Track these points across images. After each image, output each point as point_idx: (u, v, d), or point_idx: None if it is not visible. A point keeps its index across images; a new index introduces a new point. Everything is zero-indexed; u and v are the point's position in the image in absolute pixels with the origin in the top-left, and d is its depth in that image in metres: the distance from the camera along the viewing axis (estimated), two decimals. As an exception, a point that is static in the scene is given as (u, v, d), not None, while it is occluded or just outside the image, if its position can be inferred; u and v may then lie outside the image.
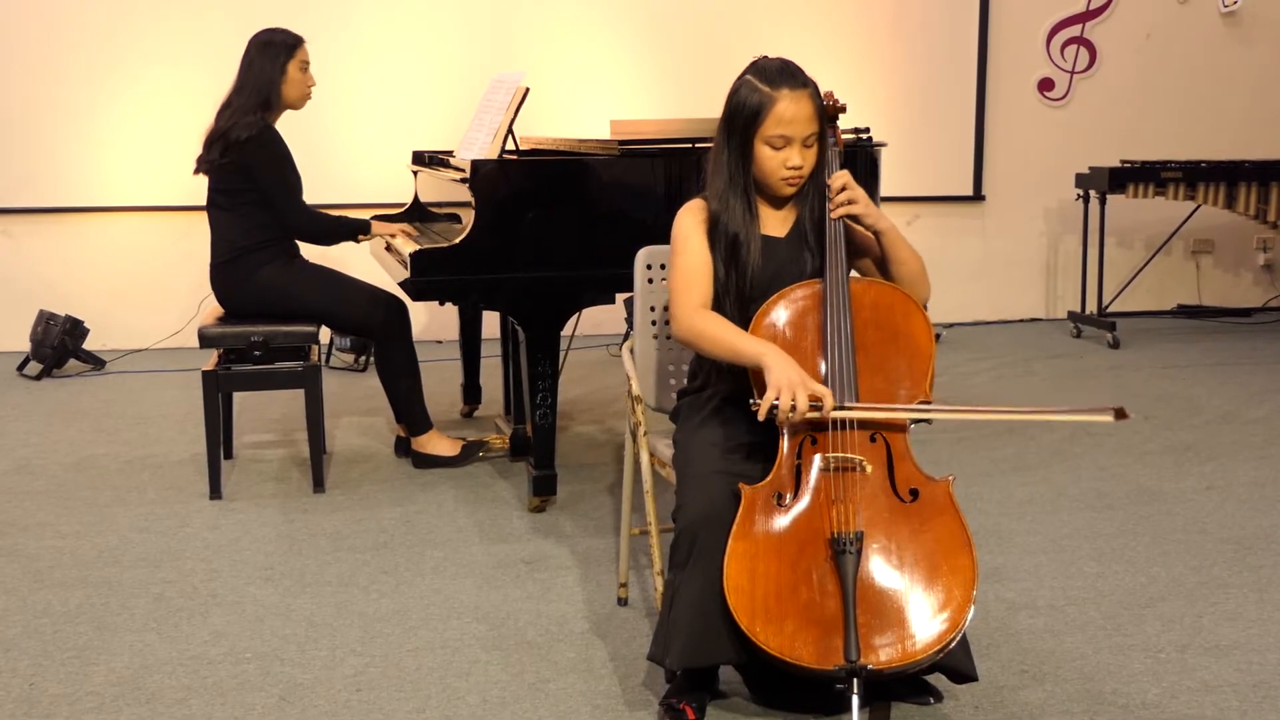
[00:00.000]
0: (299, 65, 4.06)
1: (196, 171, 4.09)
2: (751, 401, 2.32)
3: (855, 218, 2.51)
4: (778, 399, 2.25)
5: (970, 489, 3.81)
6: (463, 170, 3.76)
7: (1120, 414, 2.29)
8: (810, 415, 2.28)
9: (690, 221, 2.53)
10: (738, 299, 2.47)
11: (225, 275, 4.06)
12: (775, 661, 2.22)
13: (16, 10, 5.96)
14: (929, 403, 2.44)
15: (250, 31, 4.10)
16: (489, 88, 4.19)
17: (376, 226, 4.27)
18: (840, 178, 2.47)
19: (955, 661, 2.34)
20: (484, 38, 6.24)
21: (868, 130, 3.89)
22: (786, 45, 2.93)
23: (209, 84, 4.19)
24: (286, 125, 4.10)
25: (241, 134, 3.92)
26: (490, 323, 4.91)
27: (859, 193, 2.48)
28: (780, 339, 2.40)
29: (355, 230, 4.23)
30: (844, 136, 2.64)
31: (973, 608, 2.24)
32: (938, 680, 2.46)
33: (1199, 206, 6.37)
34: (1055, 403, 4.97)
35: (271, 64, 4.01)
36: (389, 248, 4.10)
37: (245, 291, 4.03)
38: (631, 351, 2.89)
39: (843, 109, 2.55)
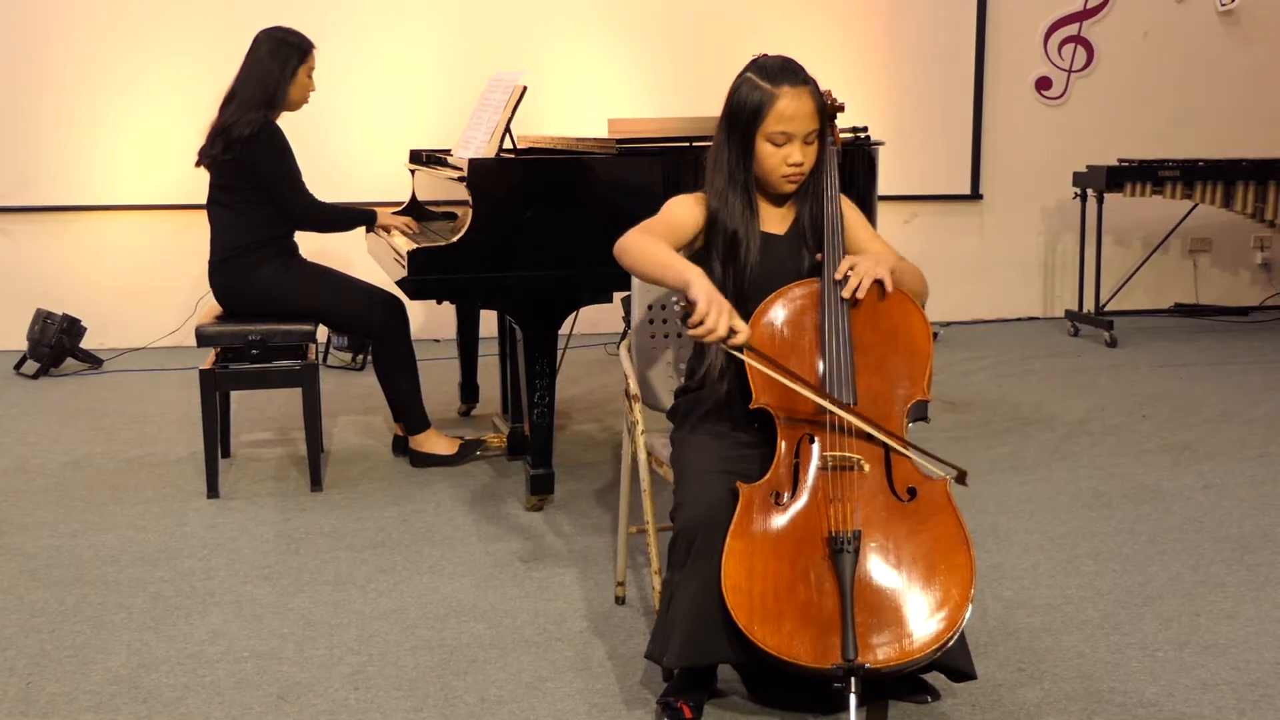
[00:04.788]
0: (307, 70, 4.07)
1: (198, 164, 4.09)
2: (676, 301, 2.34)
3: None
4: (706, 313, 2.27)
5: (968, 488, 3.80)
6: (460, 169, 3.76)
7: (961, 479, 2.35)
8: (723, 344, 2.31)
9: (686, 200, 2.55)
10: (735, 297, 2.46)
11: (223, 273, 4.05)
12: (773, 660, 2.22)
13: (14, 9, 5.96)
14: (926, 402, 2.45)
15: (248, 30, 4.09)
16: (487, 86, 4.19)
17: (383, 218, 4.26)
18: (844, 266, 2.44)
19: (954, 660, 2.34)
20: (482, 37, 6.24)
21: (865, 130, 3.89)
22: (784, 44, 2.92)
23: (207, 82, 4.19)
24: (285, 122, 4.09)
25: (244, 130, 3.92)
26: (488, 321, 4.91)
27: (865, 268, 2.43)
28: (778, 338, 2.41)
29: (359, 221, 4.23)
30: (842, 136, 2.64)
31: (970, 607, 2.24)
32: (935, 679, 2.46)
33: (1196, 205, 6.38)
34: (1055, 401, 4.97)
35: (282, 67, 4.00)
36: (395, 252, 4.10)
37: (243, 289, 4.03)
38: (629, 350, 2.90)
39: (841, 108, 2.55)
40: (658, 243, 2.45)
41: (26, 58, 5.99)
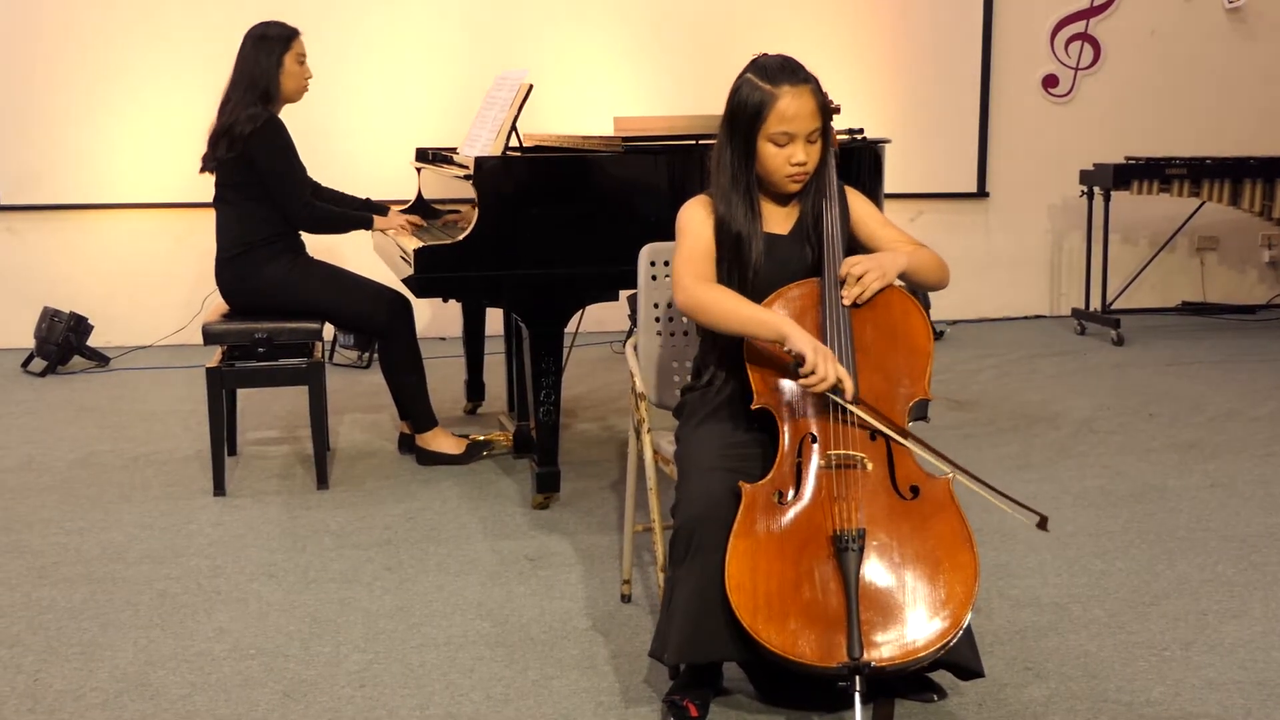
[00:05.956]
0: (295, 58, 4.06)
1: (203, 170, 4.10)
2: (791, 352, 2.31)
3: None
4: (816, 365, 2.27)
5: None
6: (466, 167, 3.76)
7: (1043, 524, 2.32)
8: (831, 395, 2.30)
9: (698, 212, 2.54)
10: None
11: (230, 270, 4.06)
12: (778, 659, 2.22)
13: (20, 9, 5.97)
14: (928, 400, 2.45)
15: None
16: (492, 85, 4.19)
17: (379, 222, 4.27)
18: (844, 267, 2.45)
19: (961, 658, 2.33)
20: (488, 35, 6.24)
21: (861, 131, 3.89)
22: (790, 42, 2.92)
23: (213, 81, 4.20)
24: (291, 119, 4.10)
25: (246, 127, 3.93)
26: (494, 319, 4.91)
27: (865, 267, 2.43)
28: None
29: (357, 224, 4.23)
30: (839, 138, 2.64)
31: (973, 605, 2.24)
32: (942, 677, 2.46)
33: (1203, 203, 6.36)
34: (1061, 400, 4.97)
35: (268, 58, 4.01)
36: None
37: (249, 287, 4.04)
38: (635, 348, 2.90)
39: (837, 110, 2.54)
40: (730, 295, 2.44)
41: (33, 56, 6.00)
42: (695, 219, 2.54)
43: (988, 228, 6.92)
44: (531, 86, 3.83)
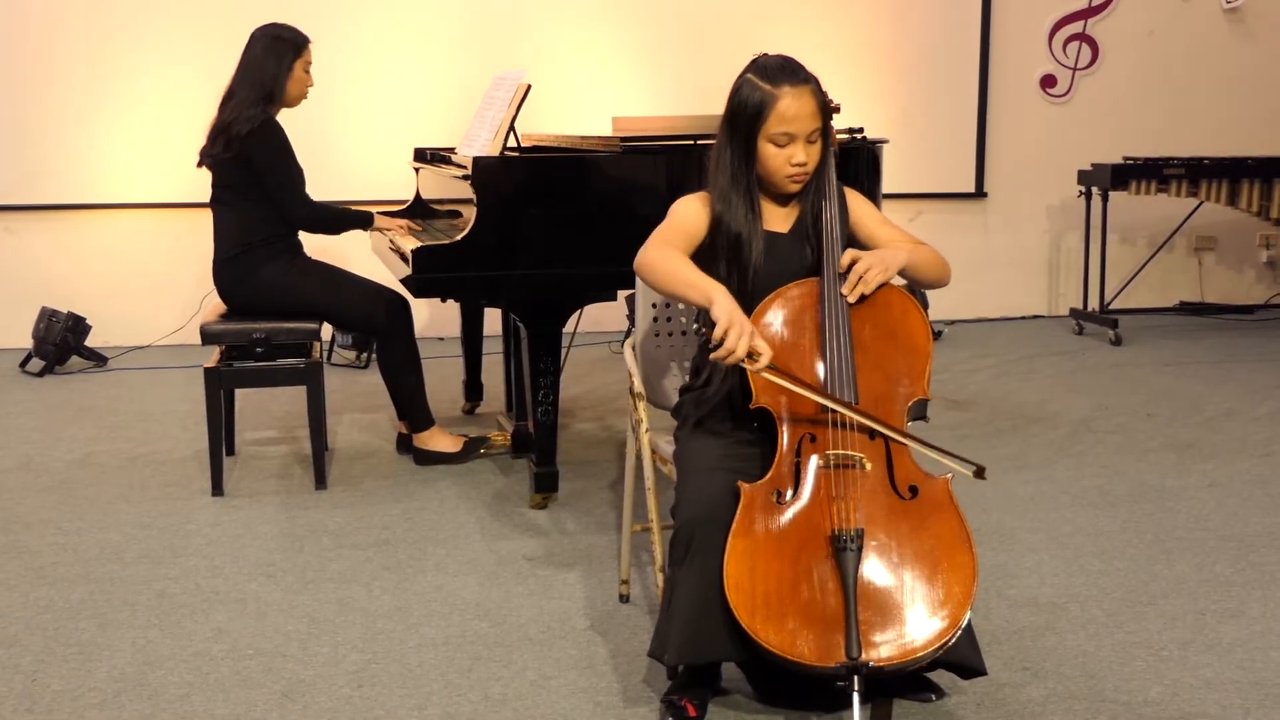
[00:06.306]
0: (304, 65, 4.07)
1: (200, 164, 4.10)
2: (698, 328, 2.34)
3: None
4: (725, 334, 2.27)
5: (972, 487, 3.77)
6: (464, 167, 3.76)
7: (980, 473, 2.33)
8: (745, 364, 2.29)
9: (694, 202, 2.55)
10: (739, 296, 2.47)
11: (228, 271, 4.06)
12: (776, 659, 2.22)
13: (19, 9, 5.97)
14: (927, 400, 2.45)
15: (253, 28, 4.10)
16: (491, 85, 4.19)
17: (379, 220, 4.28)
18: (846, 258, 2.45)
19: (961, 657, 2.33)
20: (486, 35, 6.24)
21: (861, 130, 3.89)
22: (789, 42, 2.93)
23: (211, 82, 4.20)
24: (289, 120, 4.10)
25: (243, 128, 3.93)
26: (492, 319, 4.91)
27: (867, 262, 2.43)
28: (778, 338, 2.41)
29: (356, 223, 4.24)
30: (839, 137, 2.64)
31: (972, 605, 2.24)
32: (940, 677, 2.46)
33: (1201, 203, 6.37)
34: (1059, 400, 4.97)
35: (279, 62, 4.01)
36: (392, 245, 4.09)
37: (248, 288, 4.04)
38: (633, 348, 2.90)
39: (837, 109, 2.54)
40: (679, 258, 2.45)
41: (31, 56, 6.00)
42: (689, 207, 2.55)
43: (986, 228, 6.93)
44: (530, 86, 3.84)
